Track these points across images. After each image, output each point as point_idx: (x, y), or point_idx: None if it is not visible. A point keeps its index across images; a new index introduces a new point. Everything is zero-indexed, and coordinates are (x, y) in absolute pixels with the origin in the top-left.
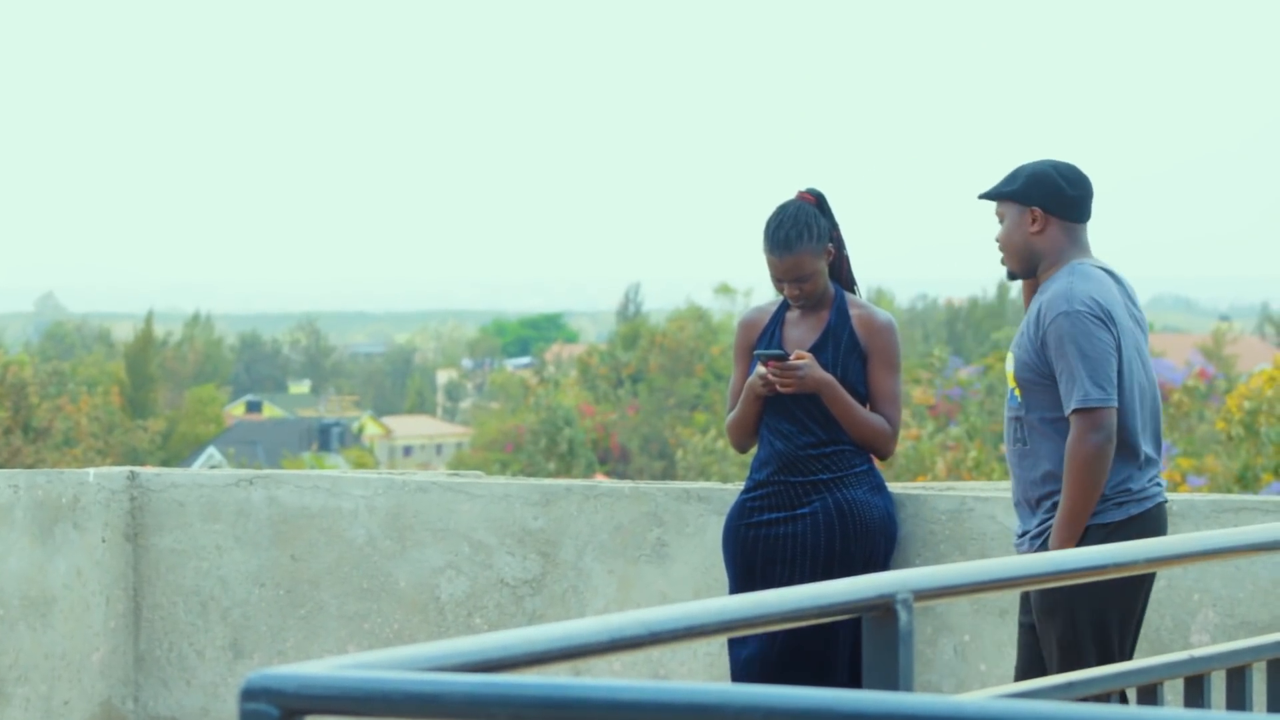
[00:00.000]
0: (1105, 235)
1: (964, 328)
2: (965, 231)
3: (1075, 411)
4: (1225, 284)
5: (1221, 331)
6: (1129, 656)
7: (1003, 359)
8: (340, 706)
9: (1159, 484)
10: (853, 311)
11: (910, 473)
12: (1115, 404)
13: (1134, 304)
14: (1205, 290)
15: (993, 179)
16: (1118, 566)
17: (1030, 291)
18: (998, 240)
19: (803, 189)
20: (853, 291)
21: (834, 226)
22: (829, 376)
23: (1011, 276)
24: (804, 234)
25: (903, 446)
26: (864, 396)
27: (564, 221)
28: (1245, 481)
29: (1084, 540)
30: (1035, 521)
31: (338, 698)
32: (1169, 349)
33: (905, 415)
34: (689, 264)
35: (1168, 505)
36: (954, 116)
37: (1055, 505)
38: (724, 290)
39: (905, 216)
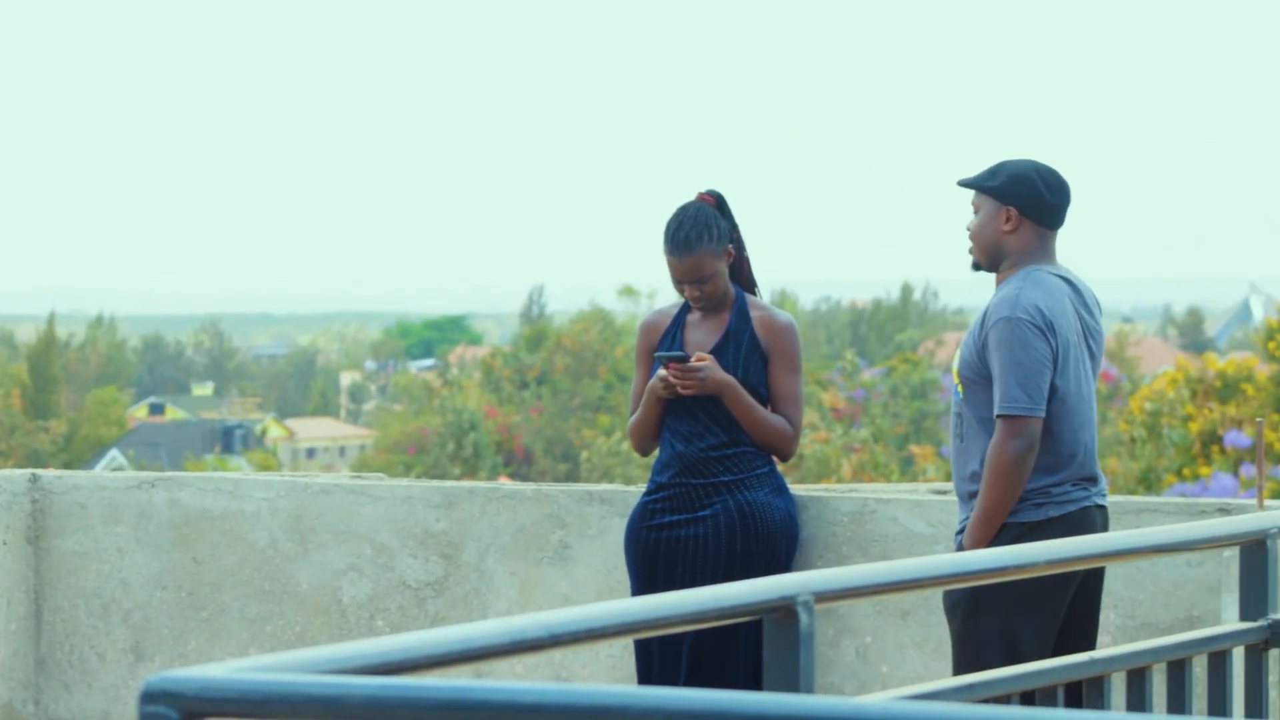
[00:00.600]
0: None
1: (868, 329)
2: (870, 234)
3: (999, 416)
4: (1128, 287)
5: (1124, 334)
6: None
7: (907, 361)
8: (240, 709)
9: (1086, 490)
10: (753, 313)
11: (817, 475)
12: (1041, 414)
13: (1090, 313)
14: (1108, 293)
15: (896, 182)
16: (1019, 568)
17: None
18: (969, 230)
19: (703, 190)
20: (754, 293)
21: (734, 228)
22: (730, 378)
23: (975, 267)
24: (704, 235)
25: (811, 449)
26: (765, 398)
27: (468, 223)
28: (1148, 483)
29: (999, 538)
30: (963, 516)
31: (237, 700)
32: None
33: (814, 418)
34: (592, 266)
35: (1093, 510)
36: (856, 118)
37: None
38: (627, 292)
39: (810, 218)
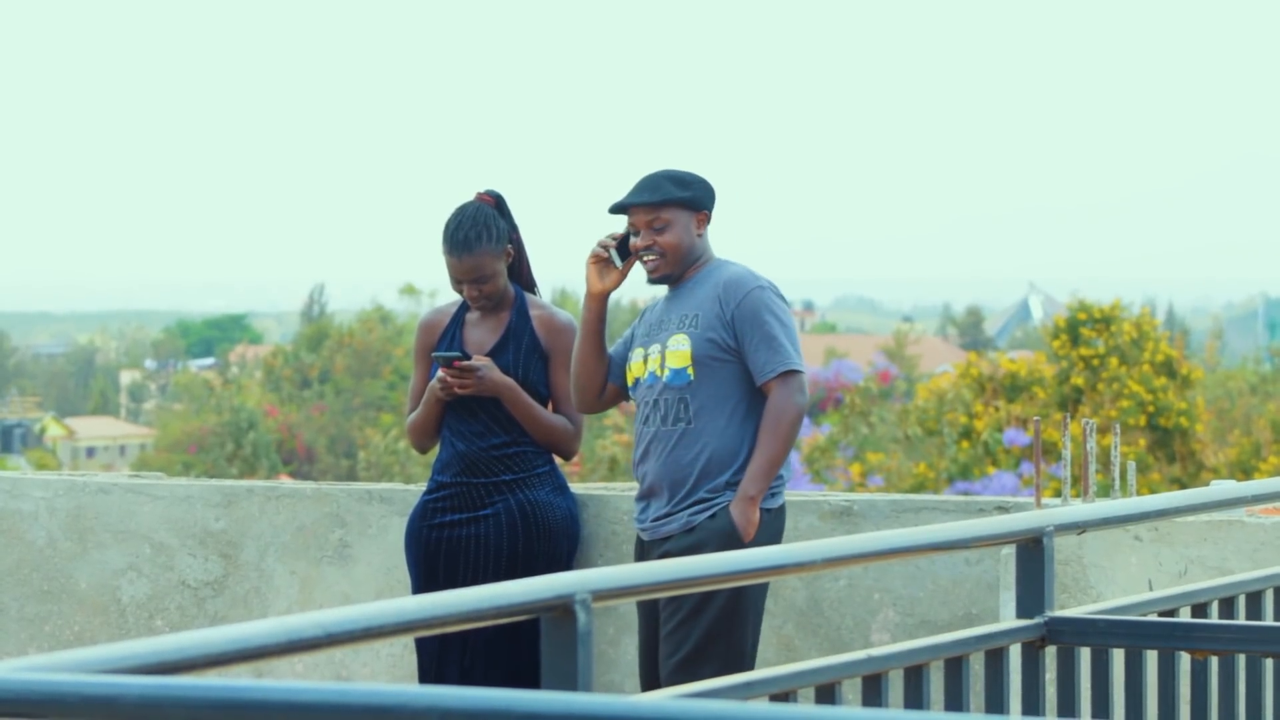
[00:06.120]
0: (783, 234)
1: None
2: None
3: (783, 374)
4: (907, 286)
5: (903, 332)
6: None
7: None
8: (15, 709)
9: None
10: (533, 312)
11: (619, 474)
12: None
13: None
14: (888, 291)
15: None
16: (798, 566)
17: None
18: (663, 247)
19: (482, 190)
20: (533, 293)
21: (513, 228)
22: (509, 381)
23: (663, 280)
24: (483, 235)
25: (610, 450)
26: (546, 397)
27: (246, 222)
28: (933, 481)
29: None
30: (686, 502)
31: (12, 700)
32: (852, 349)
33: (617, 418)
34: (373, 265)
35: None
36: (629, 117)
37: (714, 485)
38: (409, 291)
39: (591, 217)
